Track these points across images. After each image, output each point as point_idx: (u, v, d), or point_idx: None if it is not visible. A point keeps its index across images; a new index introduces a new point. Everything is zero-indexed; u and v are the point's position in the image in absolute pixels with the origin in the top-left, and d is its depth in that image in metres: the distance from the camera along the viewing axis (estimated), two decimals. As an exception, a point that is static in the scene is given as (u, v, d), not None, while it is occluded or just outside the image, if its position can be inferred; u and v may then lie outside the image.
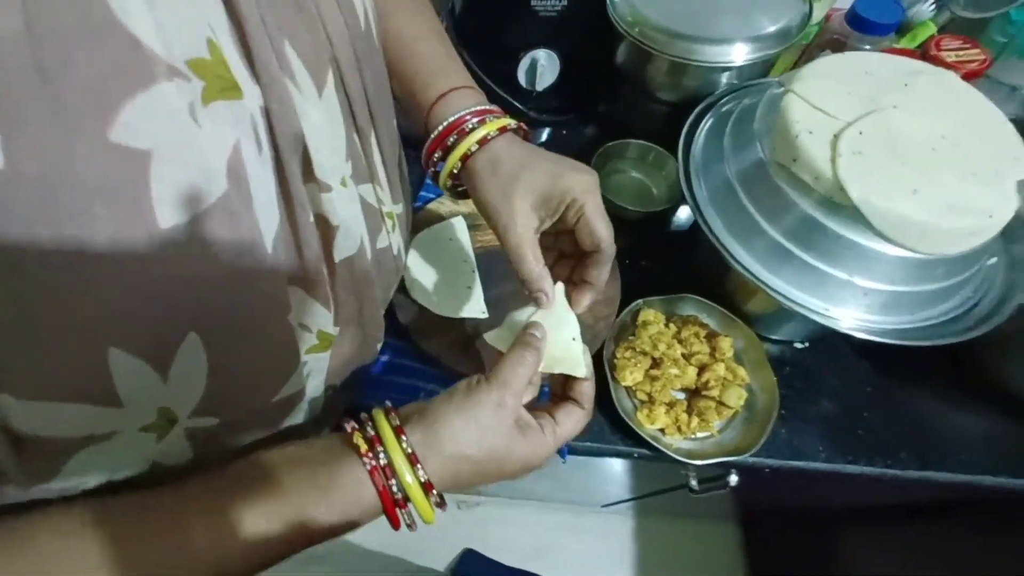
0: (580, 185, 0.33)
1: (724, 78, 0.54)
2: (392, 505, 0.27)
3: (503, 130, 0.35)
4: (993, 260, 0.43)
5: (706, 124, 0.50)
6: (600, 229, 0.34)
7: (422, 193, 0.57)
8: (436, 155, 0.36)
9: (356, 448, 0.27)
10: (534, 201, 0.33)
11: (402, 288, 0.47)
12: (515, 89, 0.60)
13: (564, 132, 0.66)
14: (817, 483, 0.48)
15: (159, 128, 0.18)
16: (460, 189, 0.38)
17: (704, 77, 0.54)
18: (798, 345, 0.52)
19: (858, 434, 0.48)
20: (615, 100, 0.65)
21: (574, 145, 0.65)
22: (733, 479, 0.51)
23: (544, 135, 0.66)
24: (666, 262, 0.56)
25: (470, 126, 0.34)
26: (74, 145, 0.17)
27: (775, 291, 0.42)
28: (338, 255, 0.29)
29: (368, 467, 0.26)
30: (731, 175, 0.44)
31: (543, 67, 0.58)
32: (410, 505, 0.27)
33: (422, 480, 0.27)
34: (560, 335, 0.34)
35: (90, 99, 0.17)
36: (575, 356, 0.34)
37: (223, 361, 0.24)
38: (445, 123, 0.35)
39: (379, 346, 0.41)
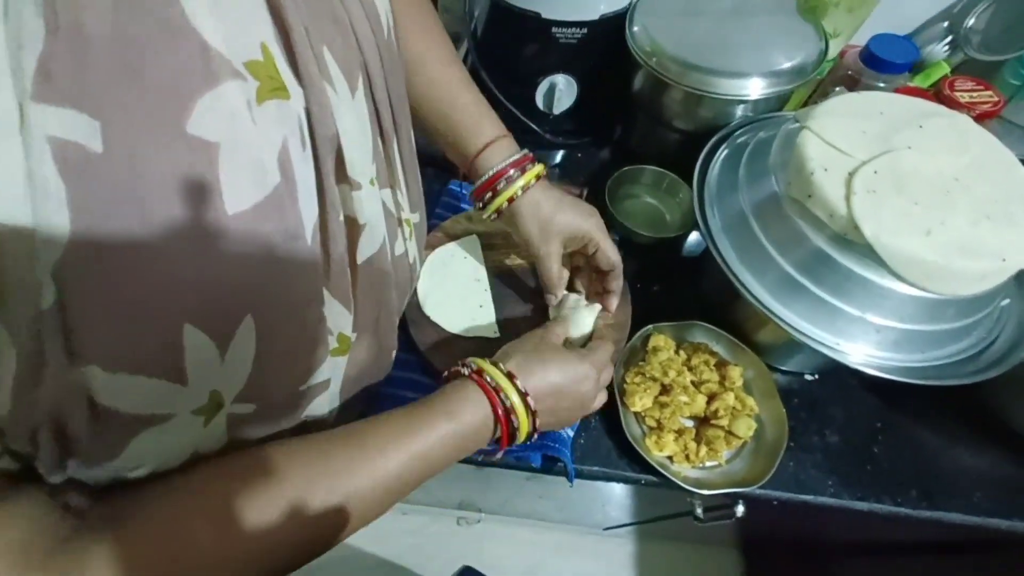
0: (596, 227, 0.46)
1: (739, 110, 0.55)
2: (500, 410, 0.34)
3: (538, 177, 0.45)
4: (1007, 302, 0.43)
5: (721, 154, 0.51)
6: (613, 255, 0.47)
7: (437, 211, 0.58)
8: (486, 195, 0.45)
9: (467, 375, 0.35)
10: (564, 238, 0.46)
11: (416, 303, 0.48)
12: (532, 111, 0.62)
13: (579, 155, 0.67)
14: (821, 514, 0.48)
15: (225, 123, 0.20)
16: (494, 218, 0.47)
17: (719, 109, 0.55)
18: (808, 377, 0.52)
19: (867, 469, 0.47)
20: (630, 126, 0.66)
21: (588, 168, 0.66)
22: (740, 510, 0.51)
23: (558, 157, 0.67)
24: (677, 288, 0.57)
25: (514, 174, 0.44)
26: (158, 135, 0.19)
27: (785, 323, 0.42)
28: (361, 256, 0.31)
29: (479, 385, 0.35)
30: (745, 206, 0.45)
31: (561, 91, 0.60)
32: (513, 417, 0.35)
33: (521, 390, 0.35)
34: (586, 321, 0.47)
35: (170, 94, 0.19)
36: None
37: (267, 346, 0.25)
38: (492, 171, 0.44)
39: (392, 358, 0.42)
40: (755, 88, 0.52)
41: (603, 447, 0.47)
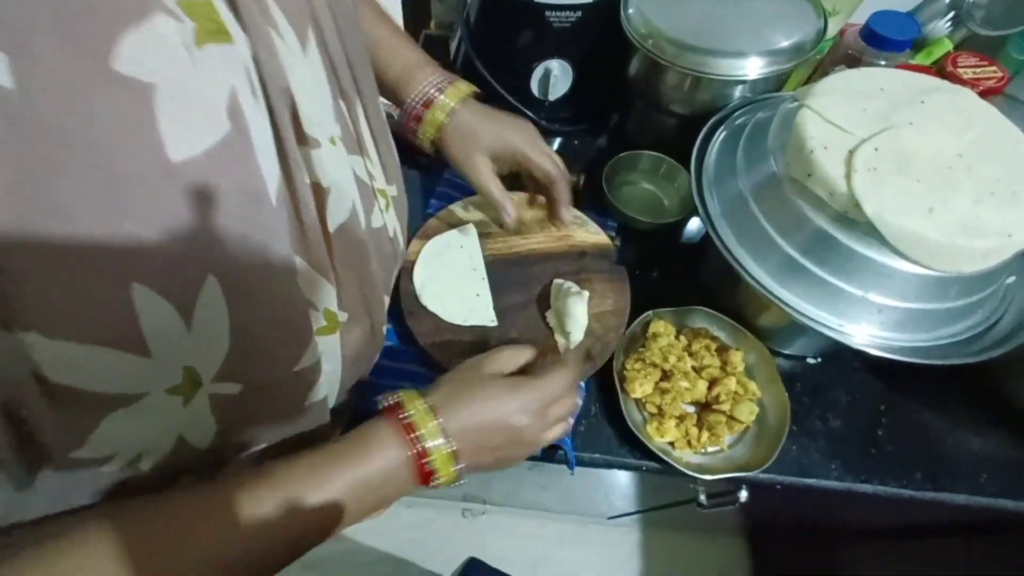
0: (520, 139, 0.45)
1: (737, 91, 0.54)
2: (417, 455, 0.30)
3: (464, 98, 0.45)
4: (1012, 279, 0.43)
5: (719, 137, 0.50)
6: (545, 164, 0.46)
7: (432, 200, 0.57)
8: (413, 125, 0.45)
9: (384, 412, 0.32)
10: (489, 155, 0.45)
11: (413, 294, 0.48)
12: (527, 98, 0.61)
13: (576, 142, 0.66)
14: (826, 499, 0.47)
15: (159, 63, 0.19)
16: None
17: (717, 90, 0.54)
18: (810, 360, 0.52)
19: (871, 452, 0.47)
20: (627, 112, 0.65)
21: (585, 155, 0.65)
22: (743, 495, 0.50)
23: (555, 145, 0.67)
24: (676, 274, 0.56)
25: (437, 98, 0.44)
26: (78, 72, 0.17)
27: (787, 305, 0.42)
28: (332, 222, 0.30)
29: (393, 425, 0.31)
30: (744, 189, 0.44)
31: (556, 77, 0.59)
32: (425, 462, 0.31)
33: (443, 428, 0.31)
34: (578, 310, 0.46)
35: (89, 26, 0.17)
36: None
37: (243, 317, 0.24)
38: (417, 98, 0.44)
39: (383, 339, 0.41)
40: (753, 68, 0.51)
41: (604, 435, 0.47)
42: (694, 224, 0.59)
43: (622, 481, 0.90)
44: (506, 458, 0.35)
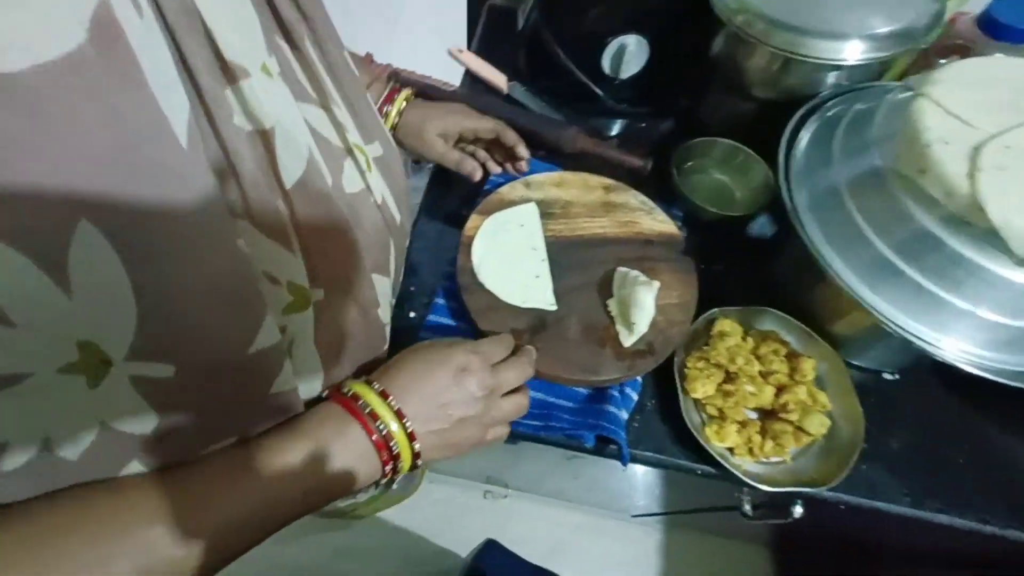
0: (459, 115, 0.52)
1: (830, 78, 0.49)
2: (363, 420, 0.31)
3: (406, 101, 0.52)
4: None
5: (810, 127, 0.46)
6: (484, 123, 0.53)
7: (491, 177, 0.55)
8: None
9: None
10: (438, 134, 0.52)
11: (470, 269, 0.46)
12: (596, 75, 0.58)
13: (642, 125, 0.63)
14: (868, 519, 0.44)
15: None
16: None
17: (808, 75, 0.50)
18: (887, 375, 0.48)
19: (949, 480, 0.43)
20: (701, 95, 0.61)
21: (649, 139, 0.62)
22: (798, 510, 0.48)
23: (616, 127, 0.63)
24: (742, 270, 0.53)
25: (387, 110, 0.51)
26: None
27: (878, 312, 0.38)
28: (287, 177, 0.26)
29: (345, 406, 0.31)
30: (839, 182, 0.41)
31: (631, 54, 0.55)
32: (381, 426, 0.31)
33: (378, 390, 0.32)
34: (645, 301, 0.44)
35: None
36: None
37: (151, 279, 0.20)
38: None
39: (384, 330, 0.39)
40: (852, 52, 0.47)
41: (658, 432, 0.45)
42: (762, 218, 0.56)
43: (651, 479, 0.88)
44: (461, 427, 0.34)
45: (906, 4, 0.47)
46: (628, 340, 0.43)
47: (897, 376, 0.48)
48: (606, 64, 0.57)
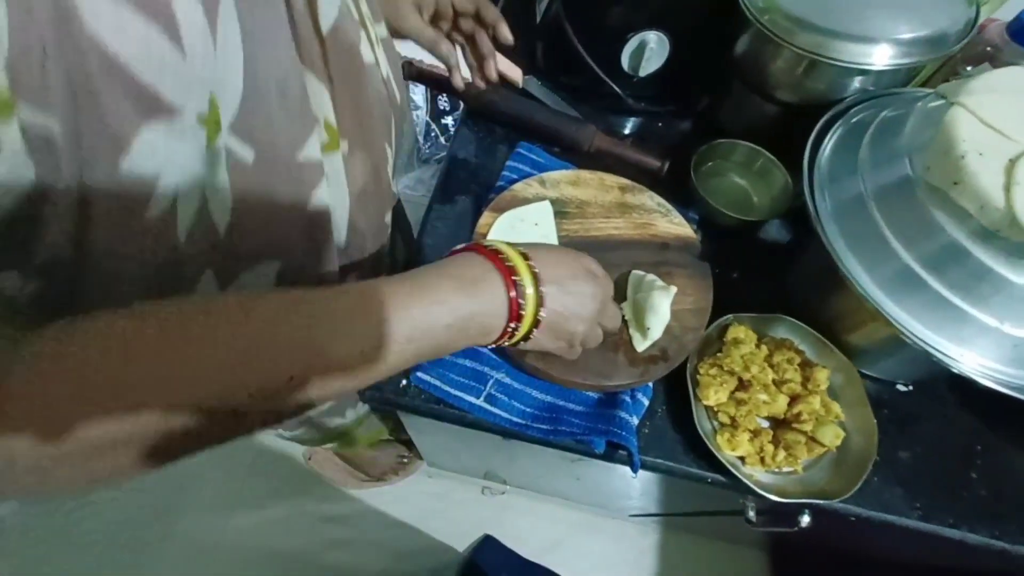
0: None
1: (856, 82, 0.48)
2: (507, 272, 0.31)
3: None
4: None
5: (835, 133, 0.45)
6: None
7: (505, 174, 0.54)
8: None
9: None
10: (413, 2, 0.46)
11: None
12: (614, 71, 0.56)
13: (659, 124, 0.62)
14: (871, 529, 0.44)
15: None
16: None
17: (833, 78, 0.48)
18: (900, 387, 0.47)
19: (961, 495, 0.43)
20: (722, 96, 0.60)
21: (666, 140, 0.61)
22: (805, 520, 0.47)
23: (629, 126, 0.62)
24: (756, 276, 0.52)
25: None
26: None
27: (899, 323, 0.38)
28: (323, 22, 0.30)
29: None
30: (865, 191, 0.40)
31: (651, 51, 0.54)
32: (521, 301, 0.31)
33: (521, 251, 0.32)
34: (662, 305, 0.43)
35: None
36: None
37: (250, 57, 0.24)
38: None
39: (393, 186, 0.41)
40: (881, 56, 0.46)
41: (668, 439, 0.44)
42: (779, 225, 0.55)
43: (650, 480, 0.88)
44: (578, 318, 0.34)
45: (939, 9, 0.46)
46: (642, 345, 0.42)
47: (911, 388, 0.47)
48: (625, 61, 0.56)
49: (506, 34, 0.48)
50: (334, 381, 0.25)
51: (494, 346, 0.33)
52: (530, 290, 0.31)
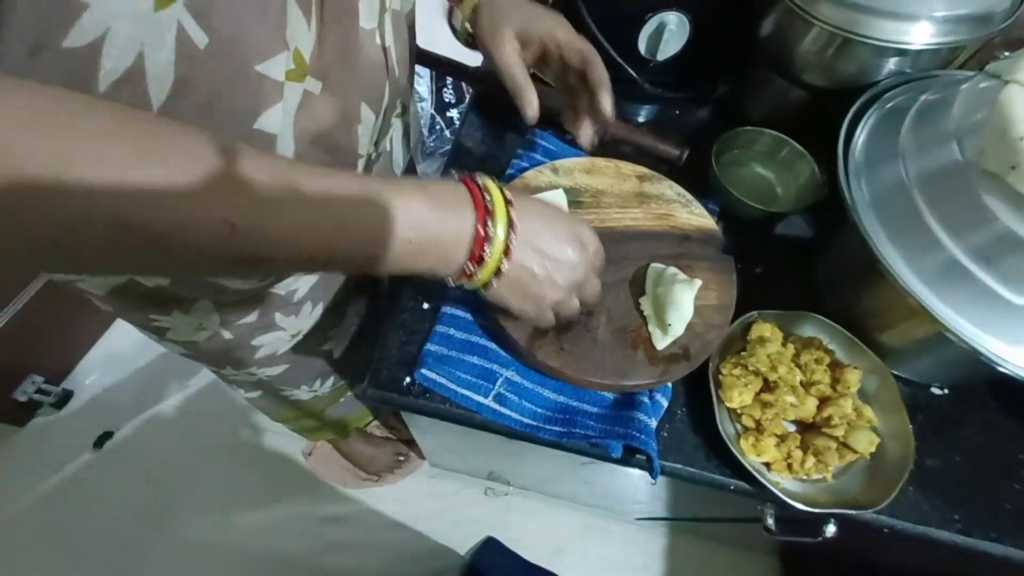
0: (552, 21, 0.43)
1: (892, 64, 0.45)
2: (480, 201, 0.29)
3: None
4: None
5: (870, 118, 0.42)
6: (576, 42, 0.43)
7: (515, 161, 0.52)
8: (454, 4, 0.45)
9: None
10: (516, 32, 0.43)
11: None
12: (631, 55, 0.54)
13: (677, 112, 0.59)
14: (904, 541, 0.41)
15: None
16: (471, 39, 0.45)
17: (867, 59, 0.45)
18: (936, 391, 0.44)
19: (1004, 507, 0.40)
20: (745, 81, 0.57)
21: (685, 127, 0.58)
22: (831, 530, 0.44)
23: (645, 113, 0.59)
24: (783, 271, 0.49)
25: None
26: None
27: (944, 320, 0.35)
28: None
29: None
30: (907, 178, 0.37)
31: (670, 32, 0.51)
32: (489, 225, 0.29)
33: (506, 197, 0.31)
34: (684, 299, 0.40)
35: None
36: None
37: None
38: None
39: (360, 161, 0.39)
40: (920, 35, 0.43)
41: (689, 443, 0.41)
42: (801, 218, 0.52)
43: (662, 483, 0.85)
44: (550, 282, 0.32)
45: (983, -15, 0.43)
46: (662, 343, 0.40)
47: (946, 391, 0.44)
48: (643, 44, 0.53)
49: (606, 107, 0.45)
50: (277, 252, 0.25)
51: (456, 286, 0.32)
52: (501, 235, 0.29)
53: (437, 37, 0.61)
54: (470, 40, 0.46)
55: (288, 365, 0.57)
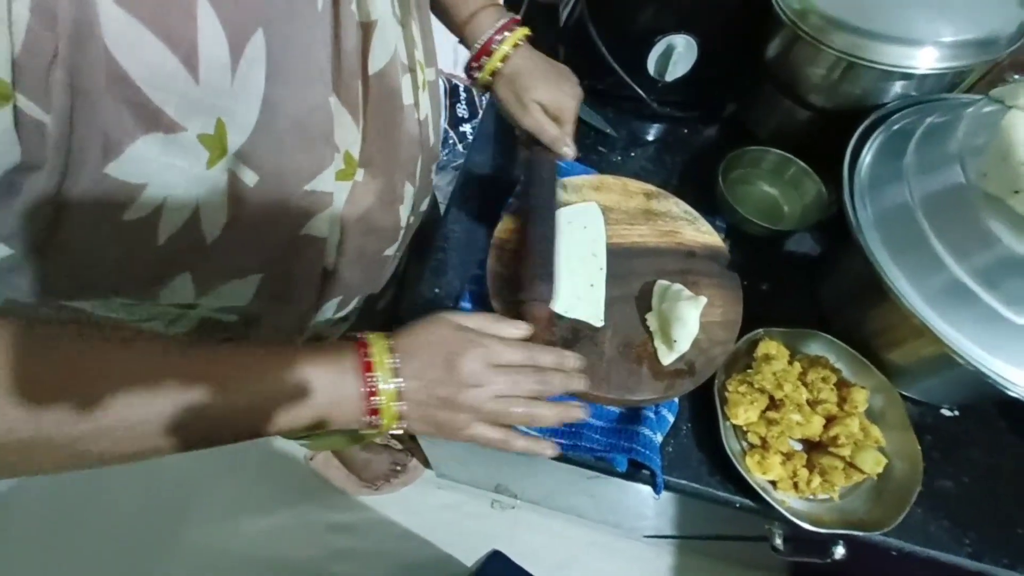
0: (573, 101, 0.46)
1: (897, 87, 0.46)
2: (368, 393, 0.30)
3: (518, 44, 0.45)
4: None
5: (875, 140, 0.43)
6: (575, 106, 0.46)
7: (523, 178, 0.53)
8: (482, 60, 0.46)
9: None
10: (541, 103, 0.45)
11: (499, 274, 0.43)
12: (640, 75, 0.55)
13: (684, 131, 0.60)
14: (915, 565, 0.40)
15: None
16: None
17: (872, 83, 0.46)
18: (945, 411, 0.44)
19: (1016, 532, 0.39)
20: (751, 101, 0.58)
21: (691, 147, 0.59)
22: (839, 551, 0.44)
23: (653, 132, 0.60)
24: (788, 289, 0.49)
25: (495, 46, 0.45)
26: None
27: (948, 341, 0.35)
28: (372, 64, 0.31)
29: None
30: (911, 200, 0.37)
31: (679, 55, 0.52)
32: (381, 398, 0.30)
33: (389, 344, 0.31)
34: (689, 316, 0.40)
35: None
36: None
37: (274, 96, 0.25)
38: (484, 37, 0.45)
39: (401, 233, 0.41)
40: (926, 60, 0.43)
41: (694, 459, 0.42)
42: (807, 236, 0.52)
43: (668, 499, 0.84)
44: (449, 412, 0.32)
45: (989, 11, 0.44)
46: (668, 358, 0.40)
47: (957, 413, 0.44)
48: (652, 65, 0.54)
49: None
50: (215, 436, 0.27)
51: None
52: (390, 386, 0.30)
53: (448, 42, 0.63)
54: (485, 90, 0.48)
55: None
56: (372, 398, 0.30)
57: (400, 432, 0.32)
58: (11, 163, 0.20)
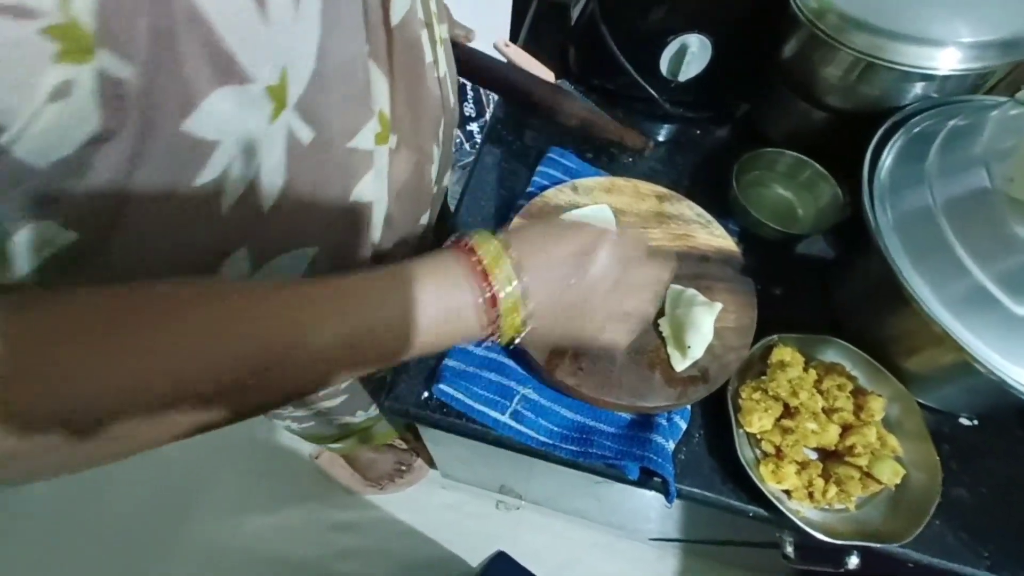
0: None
1: (918, 88, 0.45)
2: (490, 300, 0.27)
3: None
4: None
5: (896, 142, 0.42)
6: None
7: (535, 179, 0.52)
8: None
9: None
10: None
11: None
12: (653, 75, 0.54)
13: (697, 132, 0.59)
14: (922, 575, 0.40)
15: None
16: None
17: (891, 84, 0.45)
18: (964, 421, 0.43)
19: (1037, 545, 0.39)
20: (766, 102, 0.57)
21: (704, 148, 0.58)
22: (853, 561, 0.43)
23: (664, 132, 0.59)
24: (803, 294, 0.49)
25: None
26: None
27: (969, 349, 0.34)
28: (394, 14, 0.30)
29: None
30: (933, 204, 0.36)
31: (692, 55, 0.52)
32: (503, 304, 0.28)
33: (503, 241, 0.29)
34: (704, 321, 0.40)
35: None
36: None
37: (325, 46, 0.24)
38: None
39: (434, 187, 0.41)
40: (947, 61, 0.42)
41: (706, 467, 0.41)
42: (821, 240, 0.51)
43: (676, 504, 0.83)
44: (579, 315, 0.30)
45: (1012, 10, 0.43)
46: (681, 365, 0.39)
47: (976, 422, 0.43)
48: (664, 65, 0.53)
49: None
50: (311, 373, 0.24)
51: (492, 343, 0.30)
52: (510, 287, 0.27)
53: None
54: None
55: (347, 395, 0.58)
56: (495, 305, 0.27)
57: (518, 340, 0.29)
58: (89, 134, 0.18)
